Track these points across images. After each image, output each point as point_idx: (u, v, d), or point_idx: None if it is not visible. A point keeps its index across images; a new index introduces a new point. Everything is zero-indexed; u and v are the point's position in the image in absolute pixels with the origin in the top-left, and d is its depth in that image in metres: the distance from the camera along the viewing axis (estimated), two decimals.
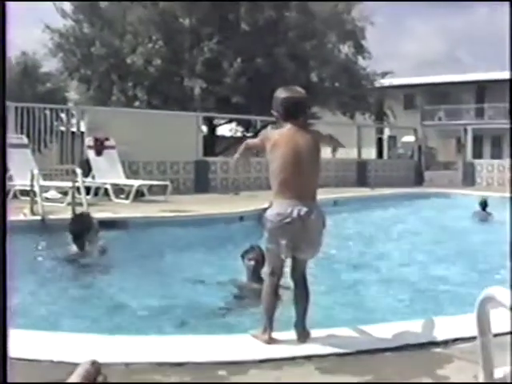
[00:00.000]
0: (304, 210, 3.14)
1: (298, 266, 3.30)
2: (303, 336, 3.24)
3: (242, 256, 4.85)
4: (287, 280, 3.41)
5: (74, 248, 5.97)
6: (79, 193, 8.59)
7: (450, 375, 2.81)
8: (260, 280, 4.42)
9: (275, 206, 3.21)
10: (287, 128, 3.26)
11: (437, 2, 54.92)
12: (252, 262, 4.70)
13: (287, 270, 3.38)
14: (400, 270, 6.27)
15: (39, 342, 3.19)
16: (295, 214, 3.13)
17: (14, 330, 1.81)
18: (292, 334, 3.26)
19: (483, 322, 2.12)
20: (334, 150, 3.67)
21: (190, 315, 4.40)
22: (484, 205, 10.39)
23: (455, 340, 3.19)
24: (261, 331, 3.24)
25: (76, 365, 2.37)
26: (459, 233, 9.04)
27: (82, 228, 5.97)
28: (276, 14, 19.92)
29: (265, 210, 3.35)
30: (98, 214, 7.53)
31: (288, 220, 3.13)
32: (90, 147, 11.73)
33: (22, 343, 2.92)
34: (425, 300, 5.00)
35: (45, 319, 4.17)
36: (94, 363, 2.34)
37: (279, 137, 3.24)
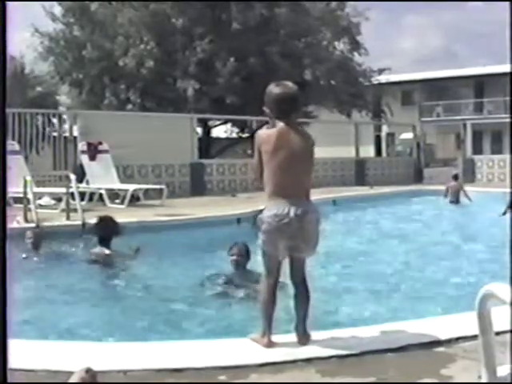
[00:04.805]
0: (300, 209, 3.11)
1: (296, 266, 3.26)
2: (304, 338, 3.19)
3: (229, 253, 5.16)
4: (286, 280, 3.36)
5: (103, 250, 6.10)
6: (73, 199, 8.54)
7: (454, 375, 2.77)
8: (246, 272, 4.91)
9: (271, 207, 3.16)
10: (279, 127, 3.20)
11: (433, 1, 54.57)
12: (234, 257, 5.00)
13: (285, 270, 3.33)
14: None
15: (36, 351, 3.15)
16: (292, 213, 3.09)
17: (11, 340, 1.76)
18: (292, 337, 3.22)
19: (484, 319, 2.07)
20: None
21: None
22: None
23: (458, 339, 3.16)
24: (260, 335, 3.20)
25: (73, 373, 2.33)
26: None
27: (108, 230, 6.16)
28: (268, 12, 19.84)
29: (261, 211, 3.29)
30: (93, 219, 7.48)
31: (286, 220, 3.10)
32: (83, 152, 11.67)
33: (19, 353, 2.86)
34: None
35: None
36: (88, 371, 2.31)
37: (272, 137, 3.18)
